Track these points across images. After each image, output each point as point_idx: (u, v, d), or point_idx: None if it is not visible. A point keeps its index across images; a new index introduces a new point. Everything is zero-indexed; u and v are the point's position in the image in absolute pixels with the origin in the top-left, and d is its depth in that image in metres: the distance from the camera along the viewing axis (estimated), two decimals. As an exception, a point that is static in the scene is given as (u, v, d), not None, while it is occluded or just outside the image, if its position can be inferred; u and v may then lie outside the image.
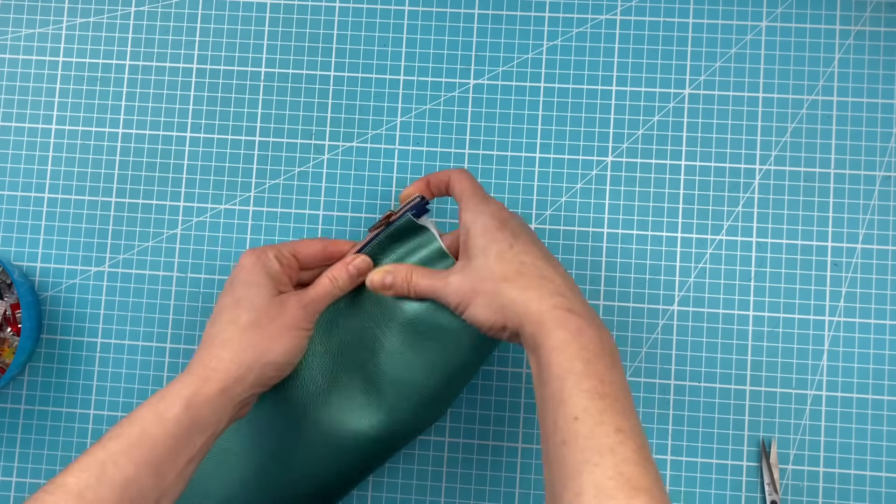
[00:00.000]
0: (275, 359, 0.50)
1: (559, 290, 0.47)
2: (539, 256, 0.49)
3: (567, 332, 0.45)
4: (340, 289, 0.53)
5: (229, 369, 0.48)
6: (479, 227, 0.50)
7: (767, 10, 0.62)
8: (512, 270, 0.48)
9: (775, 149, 0.61)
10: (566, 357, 0.44)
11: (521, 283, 0.48)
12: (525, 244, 0.49)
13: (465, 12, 0.63)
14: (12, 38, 0.65)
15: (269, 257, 0.52)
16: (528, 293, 0.47)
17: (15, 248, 0.63)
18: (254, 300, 0.50)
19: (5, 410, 0.62)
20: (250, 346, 0.49)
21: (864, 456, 0.58)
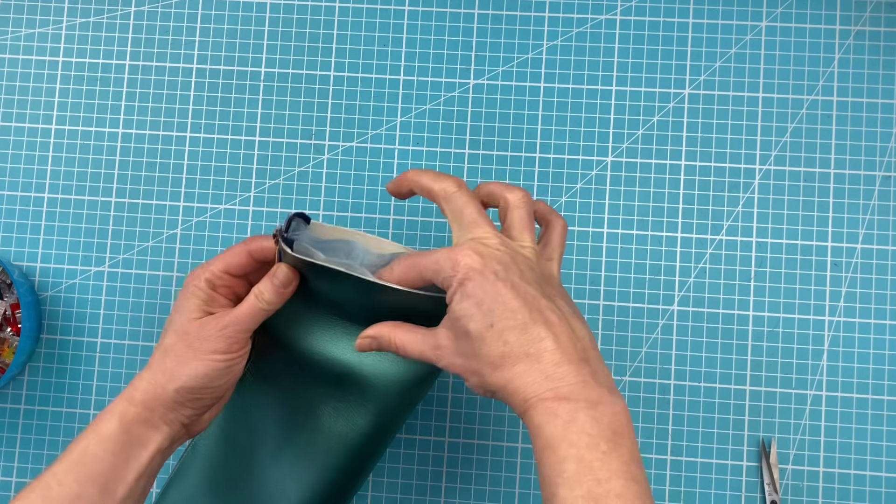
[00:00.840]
0: (184, 383, 0.48)
1: (546, 373, 0.42)
2: (524, 326, 0.43)
3: (554, 426, 0.41)
4: (268, 303, 0.49)
5: (147, 390, 0.49)
6: (456, 303, 0.44)
7: (767, 10, 0.62)
8: (496, 355, 0.43)
9: (775, 149, 0.61)
10: (555, 459, 0.41)
11: (505, 368, 0.43)
12: (506, 314, 0.43)
13: (465, 12, 0.63)
14: (12, 38, 0.65)
15: (198, 280, 0.50)
16: (514, 382, 0.43)
17: (15, 248, 0.63)
18: (175, 324, 0.50)
19: (5, 410, 0.62)
20: (163, 370, 0.49)
21: (864, 456, 0.58)
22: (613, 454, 0.41)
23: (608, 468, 0.40)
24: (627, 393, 0.60)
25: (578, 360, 0.43)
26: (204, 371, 0.49)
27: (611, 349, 0.60)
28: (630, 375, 0.60)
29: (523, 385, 0.42)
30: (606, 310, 0.60)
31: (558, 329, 0.43)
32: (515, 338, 0.43)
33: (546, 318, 0.43)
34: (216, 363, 0.49)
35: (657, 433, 0.59)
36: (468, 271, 0.43)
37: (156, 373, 0.49)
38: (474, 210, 0.46)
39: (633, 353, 0.60)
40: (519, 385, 0.43)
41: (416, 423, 0.61)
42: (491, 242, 0.45)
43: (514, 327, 0.43)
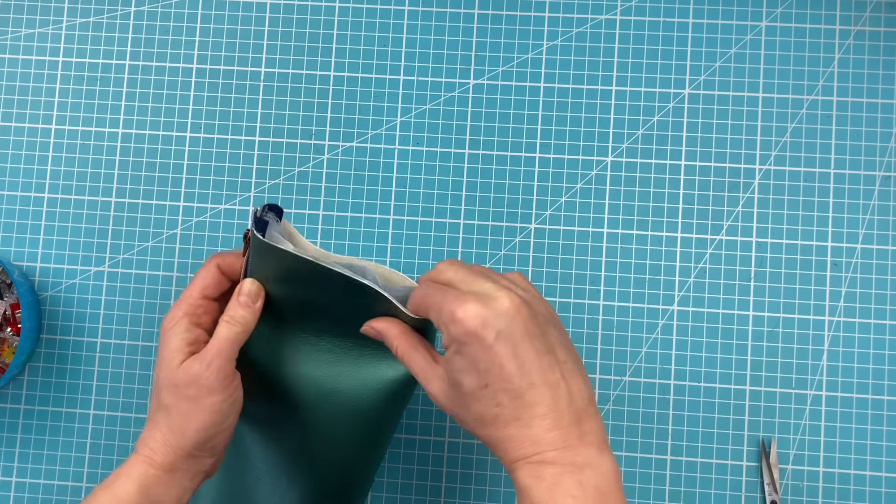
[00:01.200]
0: (198, 438, 0.48)
1: (534, 438, 0.42)
2: (518, 391, 0.42)
3: (540, 489, 0.41)
4: (242, 324, 0.49)
5: (165, 452, 0.48)
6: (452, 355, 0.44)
7: (767, 10, 0.62)
8: (488, 415, 0.43)
9: (775, 149, 0.61)
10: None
11: (495, 428, 0.43)
12: (502, 378, 0.42)
13: (465, 12, 0.63)
14: (12, 38, 0.65)
15: (173, 320, 0.49)
16: (504, 444, 0.43)
17: (15, 248, 0.63)
18: (163, 379, 0.49)
19: (5, 410, 0.62)
20: (172, 429, 0.48)
21: (864, 456, 0.58)
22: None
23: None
24: (627, 393, 0.60)
25: (569, 423, 0.42)
26: (212, 420, 0.48)
27: (611, 349, 0.60)
28: (630, 375, 0.60)
29: (511, 447, 0.43)
30: (606, 310, 0.60)
31: (555, 392, 0.43)
32: (509, 402, 0.42)
33: (545, 379, 0.43)
34: (220, 406, 0.48)
35: (657, 433, 0.59)
36: (467, 333, 0.42)
37: (166, 433, 0.48)
38: (478, 270, 0.46)
39: (633, 353, 0.60)
40: (507, 446, 0.43)
41: (416, 423, 0.61)
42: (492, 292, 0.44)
43: (508, 390, 0.42)
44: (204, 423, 0.48)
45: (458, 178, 0.62)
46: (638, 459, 0.59)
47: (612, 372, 0.60)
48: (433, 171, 0.62)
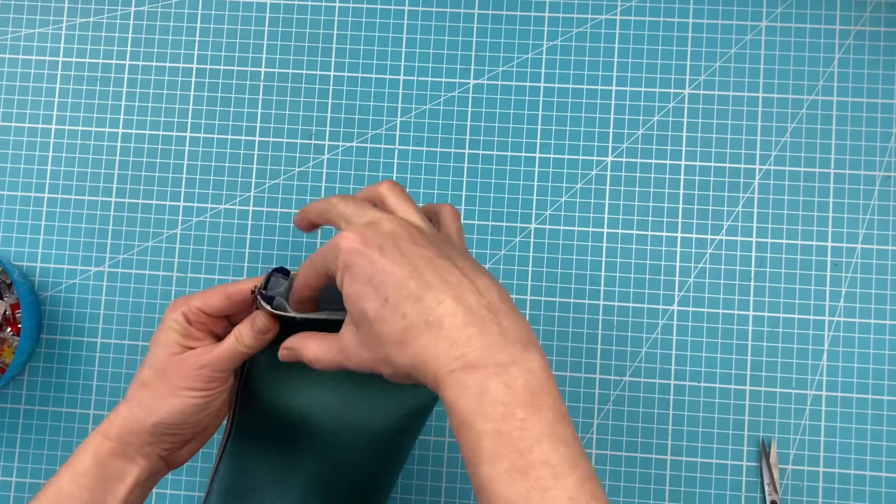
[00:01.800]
0: (160, 419, 0.48)
1: (451, 338, 0.39)
2: (418, 293, 0.39)
3: (466, 400, 0.38)
4: (247, 346, 0.48)
5: (123, 424, 0.48)
6: (347, 287, 0.41)
7: (767, 10, 0.62)
8: (397, 331, 0.40)
9: (775, 149, 0.61)
10: (472, 437, 0.37)
11: (408, 344, 0.39)
12: (396, 287, 0.40)
13: (465, 12, 0.63)
14: (12, 38, 0.65)
15: (176, 313, 0.49)
16: (421, 356, 0.39)
17: (15, 248, 0.63)
18: (153, 359, 0.49)
19: (5, 410, 0.62)
20: (141, 405, 0.48)
21: (864, 456, 0.58)
22: (532, 419, 0.37)
23: (528, 436, 0.37)
24: (627, 393, 0.60)
25: (484, 318, 0.39)
26: (181, 408, 0.48)
27: (611, 349, 0.60)
28: (630, 375, 0.60)
29: (430, 357, 0.39)
30: (606, 310, 0.60)
31: (458, 289, 0.40)
32: (411, 307, 0.39)
33: (443, 278, 0.40)
34: (193, 400, 0.48)
35: (657, 433, 0.59)
36: (350, 253, 0.41)
37: (132, 406, 0.48)
38: (353, 202, 0.44)
39: (633, 353, 0.60)
40: (426, 358, 0.39)
41: (416, 423, 0.61)
42: (374, 218, 0.42)
43: (407, 296, 0.39)
44: (173, 407, 0.48)
45: (458, 178, 0.62)
46: (638, 459, 0.59)
47: (612, 372, 0.60)
48: (433, 171, 0.62)
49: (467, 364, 0.38)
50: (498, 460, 0.37)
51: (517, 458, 0.37)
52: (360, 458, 0.52)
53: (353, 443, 0.51)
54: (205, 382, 0.48)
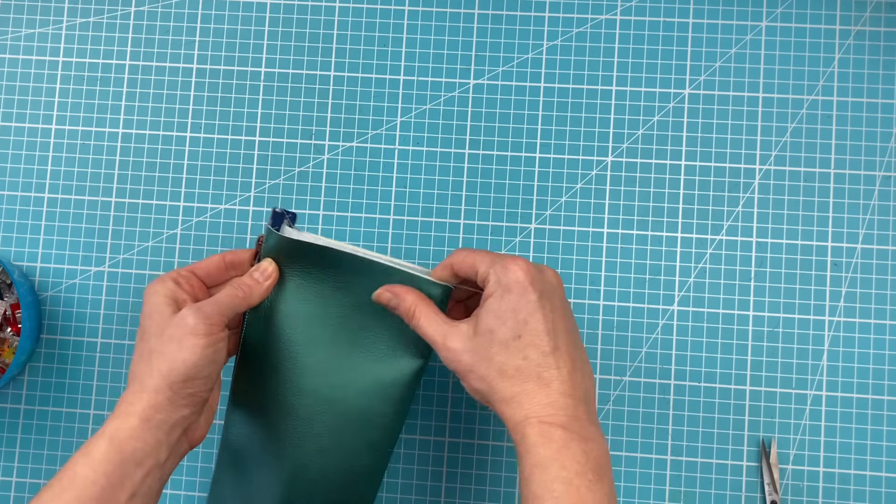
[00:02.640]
0: (181, 374, 0.48)
1: (551, 398, 0.45)
2: (546, 351, 0.46)
3: (548, 449, 0.44)
4: (245, 293, 0.50)
5: (142, 399, 0.47)
6: (495, 302, 0.47)
7: (767, 10, 0.62)
8: (511, 366, 0.46)
9: (775, 149, 0.61)
10: (547, 478, 0.43)
11: (515, 381, 0.46)
12: (536, 334, 0.46)
13: (465, 12, 0.63)
14: (12, 38, 0.65)
15: (163, 281, 0.50)
16: (519, 397, 0.45)
17: (15, 248, 0.63)
18: (153, 328, 0.49)
19: (5, 410, 0.62)
20: (155, 371, 0.48)
21: (864, 456, 0.58)
22: (598, 484, 0.44)
23: (594, 496, 0.43)
24: (627, 393, 0.60)
25: (580, 398, 0.46)
26: (193, 360, 0.48)
27: (611, 349, 0.60)
28: (630, 375, 0.60)
29: (528, 403, 0.45)
30: (606, 310, 0.60)
31: (575, 364, 0.46)
32: (536, 357, 0.46)
33: (570, 351, 0.47)
34: (199, 348, 0.48)
35: (657, 433, 0.59)
36: (516, 281, 0.46)
37: (146, 379, 0.48)
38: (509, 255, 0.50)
39: (633, 353, 0.60)
40: (524, 401, 0.45)
41: (416, 423, 0.61)
42: (542, 266, 0.48)
43: (538, 346, 0.46)
44: (185, 361, 0.48)
45: (458, 178, 0.62)
46: (638, 459, 0.59)
47: (612, 372, 0.60)
48: (433, 171, 0.62)
49: (557, 422, 0.44)
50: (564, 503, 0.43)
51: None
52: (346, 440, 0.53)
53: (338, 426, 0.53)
54: (206, 326, 0.49)
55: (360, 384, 0.52)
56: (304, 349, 0.52)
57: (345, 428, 0.53)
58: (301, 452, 0.53)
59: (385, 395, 0.52)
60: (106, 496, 0.45)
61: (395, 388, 0.52)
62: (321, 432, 0.53)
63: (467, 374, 0.47)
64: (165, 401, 0.48)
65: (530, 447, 0.44)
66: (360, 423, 0.52)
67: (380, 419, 0.52)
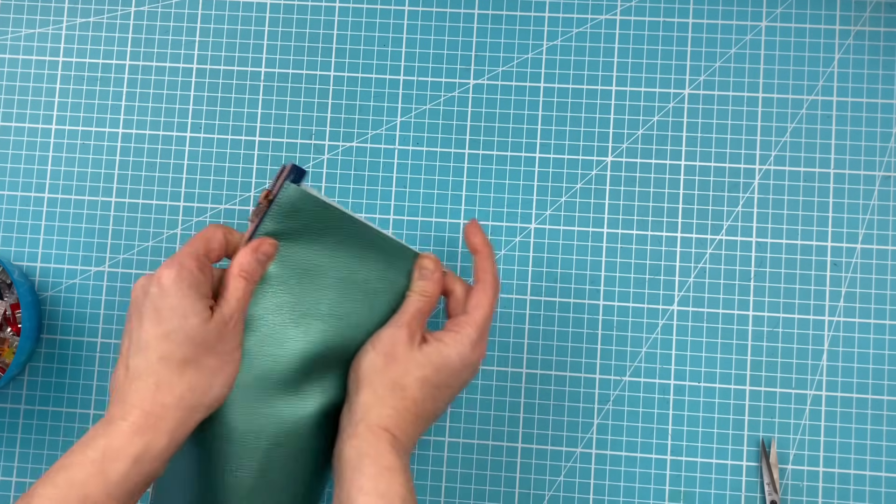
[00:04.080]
0: (218, 394, 0.46)
1: (399, 405, 0.49)
2: (428, 396, 0.50)
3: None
4: (254, 281, 0.48)
5: (175, 417, 0.44)
6: (451, 345, 0.50)
7: (767, 10, 0.62)
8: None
9: (775, 149, 0.61)
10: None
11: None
12: (446, 387, 0.50)
13: (465, 12, 0.63)
14: (12, 38, 0.65)
15: (192, 270, 0.46)
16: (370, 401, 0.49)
17: (15, 248, 0.63)
18: (187, 332, 0.44)
19: (5, 410, 0.62)
20: (191, 389, 0.45)
21: (864, 456, 0.58)
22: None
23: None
24: (627, 393, 0.60)
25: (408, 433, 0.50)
26: (233, 372, 0.47)
27: (611, 349, 0.60)
28: (630, 375, 0.60)
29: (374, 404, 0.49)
30: (606, 310, 0.60)
31: (427, 416, 0.51)
32: (429, 391, 0.50)
33: (433, 409, 0.52)
34: (238, 360, 0.47)
35: (657, 433, 0.59)
36: (479, 345, 0.51)
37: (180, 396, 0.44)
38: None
39: (633, 353, 0.60)
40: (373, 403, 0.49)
41: (416, 423, 0.61)
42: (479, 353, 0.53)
43: (435, 394, 0.50)
44: (229, 377, 0.46)
45: (458, 178, 0.62)
46: (638, 459, 0.59)
47: (612, 372, 0.60)
48: (433, 171, 0.62)
49: (386, 428, 0.49)
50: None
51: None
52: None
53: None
54: (240, 336, 0.47)
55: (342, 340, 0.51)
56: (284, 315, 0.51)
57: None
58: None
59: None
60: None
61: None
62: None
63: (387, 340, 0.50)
64: (194, 421, 0.45)
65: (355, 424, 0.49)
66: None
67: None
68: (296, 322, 0.50)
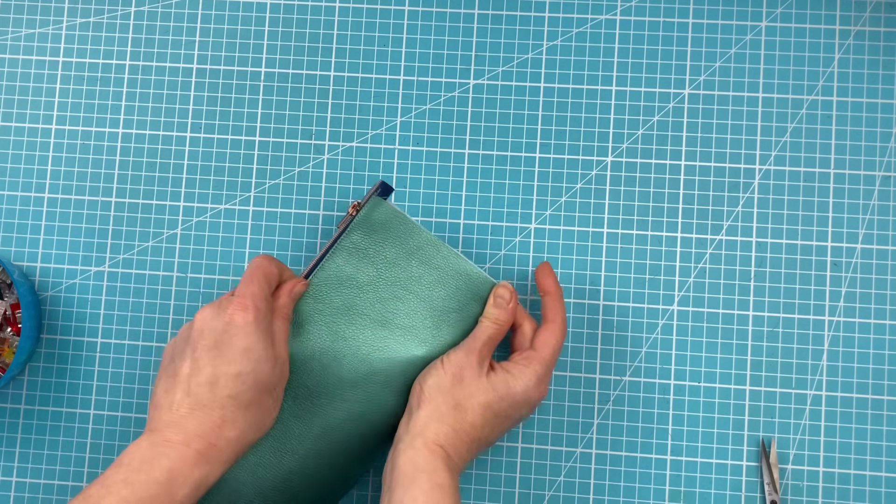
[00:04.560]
0: (268, 427, 0.51)
1: (454, 427, 0.51)
2: (486, 423, 0.52)
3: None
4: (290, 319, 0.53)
5: (234, 451, 0.47)
6: (518, 377, 0.53)
7: (767, 10, 0.62)
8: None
9: (775, 149, 0.61)
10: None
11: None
12: (507, 417, 0.53)
13: (465, 12, 0.63)
14: (12, 38, 0.65)
15: (266, 314, 0.50)
16: (430, 418, 0.51)
17: (15, 248, 0.63)
18: (258, 376, 0.48)
19: (5, 410, 0.62)
20: (251, 426, 0.48)
21: (864, 456, 0.58)
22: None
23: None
24: (627, 393, 0.60)
25: (461, 453, 0.52)
26: (279, 409, 0.51)
27: (611, 349, 0.60)
28: (630, 375, 0.60)
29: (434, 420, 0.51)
30: (606, 310, 0.60)
31: (485, 440, 0.54)
32: (490, 417, 0.52)
33: (488, 438, 0.54)
34: (282, 397, 0.52)
35: (657, 433, 0.59)
36: (543, 382, 0.54)
37: (243, 431, 0.48)
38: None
39: (633, 353, 0.60)
40: (431, 420, 0.51)
41: (416, 423, 0.61)
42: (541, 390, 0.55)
43: (499, 415, 0.52)
44: (277, 412, 0.51)
45: (458, 178, 0.62)
46: (638, 459, 0.59)
47: (612, 372, 0.60)
48: (433, 171, 0.62)
49: (439, 444, 0.51)
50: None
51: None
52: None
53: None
54: (287, 376, 0.52)
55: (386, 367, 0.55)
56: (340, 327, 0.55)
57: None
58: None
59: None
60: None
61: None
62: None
63: (456, 360, 0.53)
64: (246, 452, 0.50)
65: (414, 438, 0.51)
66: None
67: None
68: (365, 326, 0.55)
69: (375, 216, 0.56)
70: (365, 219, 0.55)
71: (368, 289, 0.55)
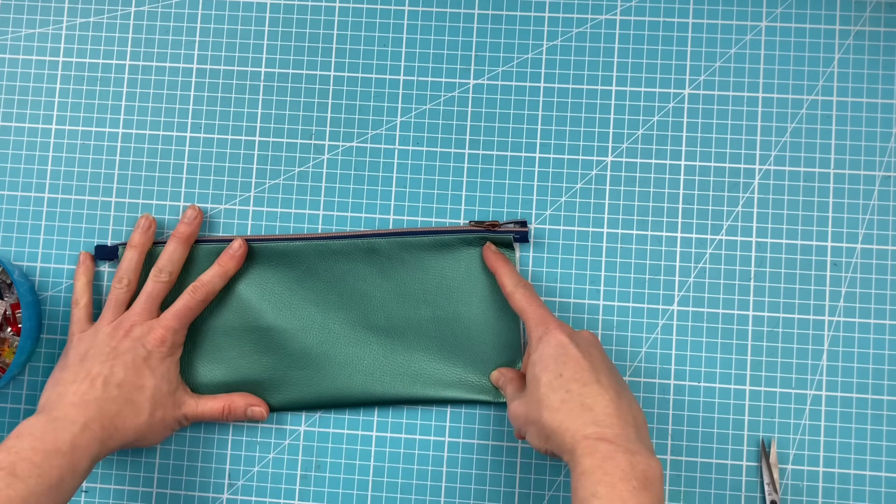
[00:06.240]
0: (152, 444, 0.58)
1: (596, 419, 0.48)
2: (587, 382, 0.50)
3: (594, 459, 0.46)
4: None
5: (126, 437, 0.54)
6: (536, 356, 0.52)
7: (767, 10, 0.62)
8: (556, 399, 0.50)
9: (775, 149, 0.61)
10: (590, 482, 0.45)
11: (561, 412, 0.49)
12: (576, 370, 0.50)
13: (465, 12, 0.63)
14: (12, 38, 0.65)
15: (175, 349, 0.58)
16: (566, 423, 0.48)
17: (15, 248, 0.63)
18: (155, 395, 0.56)
19: (5, 410, 0.62)
20: (139, 435, 0.56)
21: (864, 456, 0.58)
22: (643, 492, 0.44)
23: (637, 499, 0.44)
24: (627, 393, 0.60)
25: (627, 422, 0.48)
26: (166, 435, 0.60)
27: (611, 349, 0.60)
28: (630, 375, 0.60)
29: (573, 425, 0.48)
30: (606, 310, 0.60)
31: (617, 394, 0.50)
32: (577, 388, 0.49)
33: (611, 384, 0.50)
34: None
35: (657, 433, 0.59)
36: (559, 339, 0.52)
37: (126, 434, 0.55)
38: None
39: (633, 353, 0.60)
40: (570, 425, 0.48)
41: (416, 423, 0.61)
42: (576, 332, 0.54)
43: (578, 380, 0.50)
44: (162, 436, 0.59)
45: (458, 178, 0.62)
46: (638, 459, 0.59)
47: (612, 372, 0.60)
48: (433, 171, 0.62)
49: (603, 437, 0.47)
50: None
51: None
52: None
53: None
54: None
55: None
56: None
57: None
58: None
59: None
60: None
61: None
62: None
63: (528, 429, 0.52)
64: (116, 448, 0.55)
65: (578, 459, 0.46)
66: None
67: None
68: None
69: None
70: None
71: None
